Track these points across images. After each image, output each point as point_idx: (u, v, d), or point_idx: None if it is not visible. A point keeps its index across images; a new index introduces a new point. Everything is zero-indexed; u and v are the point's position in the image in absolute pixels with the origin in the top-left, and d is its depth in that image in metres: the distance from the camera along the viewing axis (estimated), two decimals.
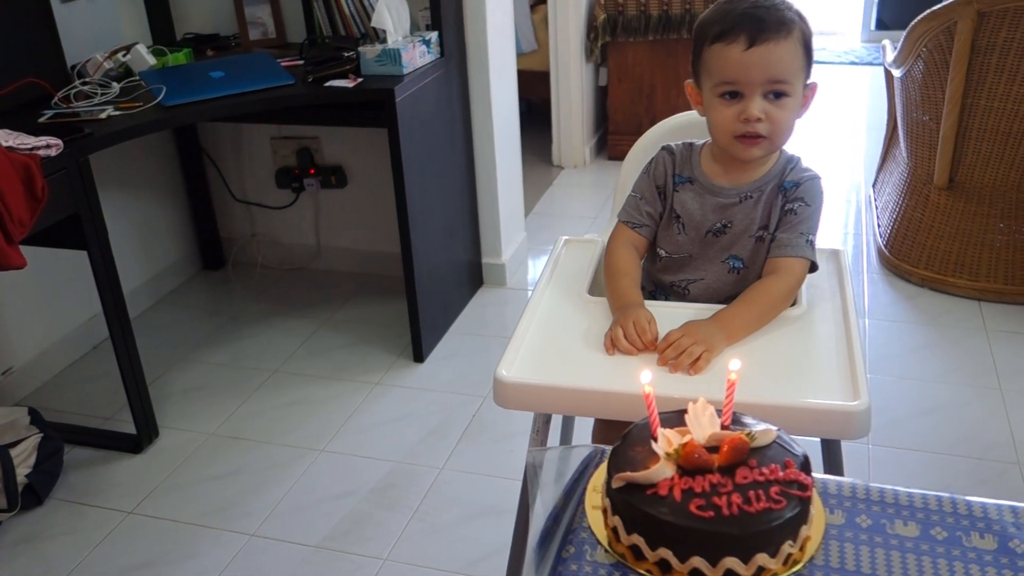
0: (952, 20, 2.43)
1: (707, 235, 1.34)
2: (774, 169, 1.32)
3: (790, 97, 1.23)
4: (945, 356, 2.40)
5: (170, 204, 2.98)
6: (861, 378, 1.09)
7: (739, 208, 1.31)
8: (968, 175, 2.61)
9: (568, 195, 3.68)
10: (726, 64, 1.21)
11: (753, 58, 1.19)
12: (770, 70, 1.20)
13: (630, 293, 1.29)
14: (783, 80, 1.21)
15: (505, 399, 1.16)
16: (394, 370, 2.46)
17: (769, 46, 1.19)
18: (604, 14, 3.74)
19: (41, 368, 2.49)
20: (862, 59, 5.57)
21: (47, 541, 1.90)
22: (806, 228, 1.28)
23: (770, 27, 1.19)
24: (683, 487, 0.78)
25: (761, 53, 1.19)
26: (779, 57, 1.20)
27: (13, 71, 2.14)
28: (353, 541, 1.85)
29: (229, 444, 2.19)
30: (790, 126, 1.26)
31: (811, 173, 1.32)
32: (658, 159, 1.38)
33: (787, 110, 1.23)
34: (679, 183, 1.35)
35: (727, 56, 1.21)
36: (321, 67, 2.30)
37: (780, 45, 1.20)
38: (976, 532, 0.81)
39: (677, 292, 1.39)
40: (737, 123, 1.23)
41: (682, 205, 1.35)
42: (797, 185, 1.30)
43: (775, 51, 1.19)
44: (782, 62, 1.20)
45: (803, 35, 1.23)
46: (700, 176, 1.34)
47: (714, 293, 1.36)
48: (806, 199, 1.29)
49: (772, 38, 1.19)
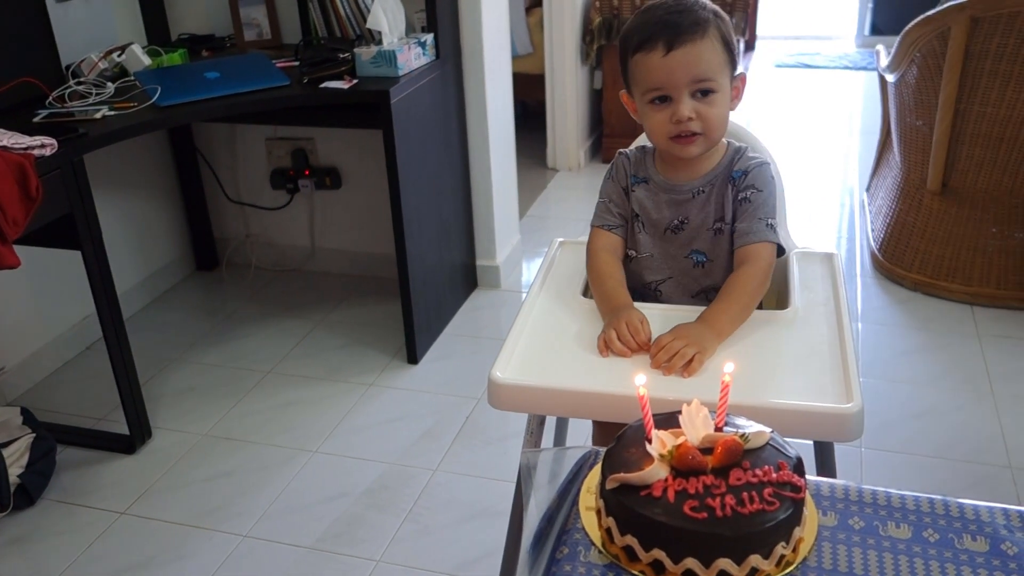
0: (946, 26, 2.44)
1: (666, 232, 1.37)
2: (722, 161, 1.35)
3: (717, 93, 1.27)
4: (937, 360, 2.41)
5: (164, 204, 2.97)
6: (854, 381, 1.09)
7: (693, 203, 1.35)
8: (961, 180, 2.63)
9: (563, 198, 3.69)
10: (649, 71, 1.26)
11: (673, 62, 1.24)
12: (692, 70, 1.24)
13: (618, 294, 1.30)
14: (706, 78, 1.25)
15: (499, 400, 1.16)
16: (388, 371, 2.46)
17: (687, 48, 1.23)
18: (599, 17, 3.75)
19: (34, 368, 2.48)
20: (856, 64, 5.59)
21: (39, 542, 1.89)
22: (763, 213, 1.30)
23: (685, 30, 1.24)
24: (677, 488, 0.78)
25: (680, 56, 1.23)
26: (698, 56, 1.24)
27: (8, 70, 2.14)
28: (346, 543, 1.85)
29: (222, 445, 2.19)
30: (723, 119, 1.29)
31: (758, 160, 1.35)
32: (617, 163, 1.42)
33: (716, 106, 1.27)
34: (635, 183, 1.39)
35: (649, 63, 1.25)
36: (316, 68, 2.30)
37: (697, 45, 1.24)
38: (968, 534, 0.82)
39: (650, 295, 1.41)
40: (670, 125, 1.27)
41: (639, 204, 1.38)
42: (746, 173, 1.33)
43: (693, 51, 1.23)
44: (702, 61, 1.24)
45: (720, 32, 1.26)
46: (654, 175, 1.38)
47: (684, 289, 1.38)
48: (756, 185, 1.31)
49: (688, 39, 1.23)
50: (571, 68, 3.77)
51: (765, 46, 6.03)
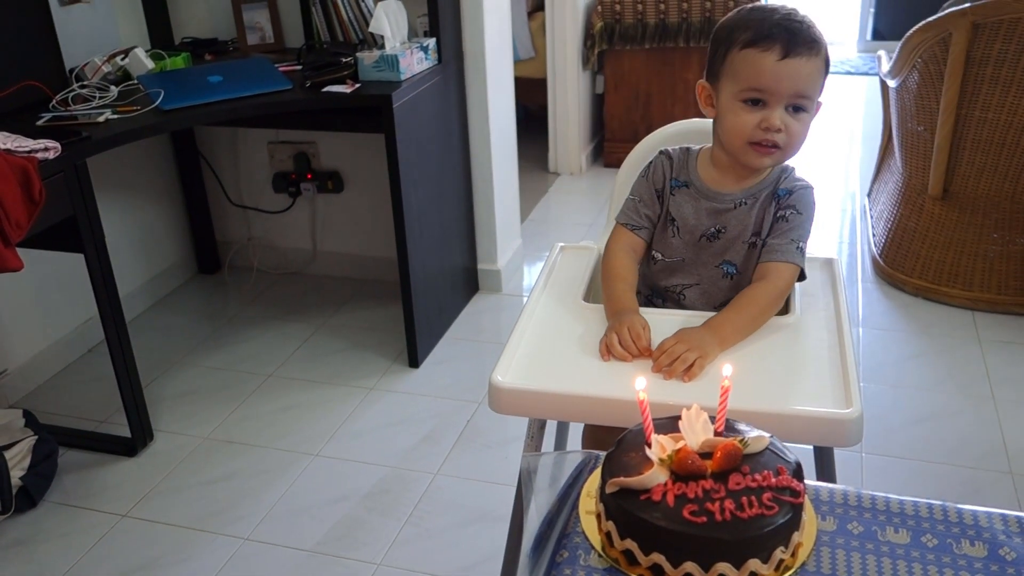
0: (947, 31, 2.45)
1: (701, 239, 1.35)
2: (769, 177, 1.33)
3: (807, 112, 1.25)
4: (938, 365, 2.41)
5: (167, 208, 2.98)
6: (853, 386, 1.09)
7: (733, 214, 1.33)
8: (962, 185, 2.63)
9: (564, 202, 3.69)
10: (758, 71, 1.23)
11: (786, 69, 1.21)
12: (799, 83, 1.22)
13: (625, 299, 1.30)
14: (807, 95, 1.23)
15: (500, 405, 1.16)
16: (389, 375, 2.47)
17: (801, 60, 1.21)
18: (601, 22, 3.76)
19: (36, 370, 2.49)
20: (858, 69, 5.60)
21: (41, 544, 1.90)
22: (796, 235, 1.29)
23: (804, 42, 1.22)
24: (676, 493, 0.79)
25: (794, 66, 1.21)
26: (808, 72, 1.22)
27: (12, 74, 2.15)
28: (347, 546, 1.85)
29: (224, 448, 2.19)
30: (803, 139, 1.28)
31: (804, 183, 1.34)
32: (656, 163, 1.40)
33: (803, 124, 1.26)
34: (675, 187, 1.37)
35: (760, 63, 1.22)
36: (319, 72, 2.30)
37: (811, 61, 1.22)
38: (967, 539, 0.82)
39: (672, 297, 1.40)
40: (756, 130, 1.24)
41: (678, 209, 1.36)
42: (790, 193, 1.32)
43: (806, 66, 1.22)
44: (810, 78, 1.23)
45: (826, 56, 1.25)
46: (696, 181, 1.36)
47: (709, 298, 1.37)
48: (798, 207, 1.30)
49: (804, 53, 1.21)
50: (573, 72, 3.78)
51: None
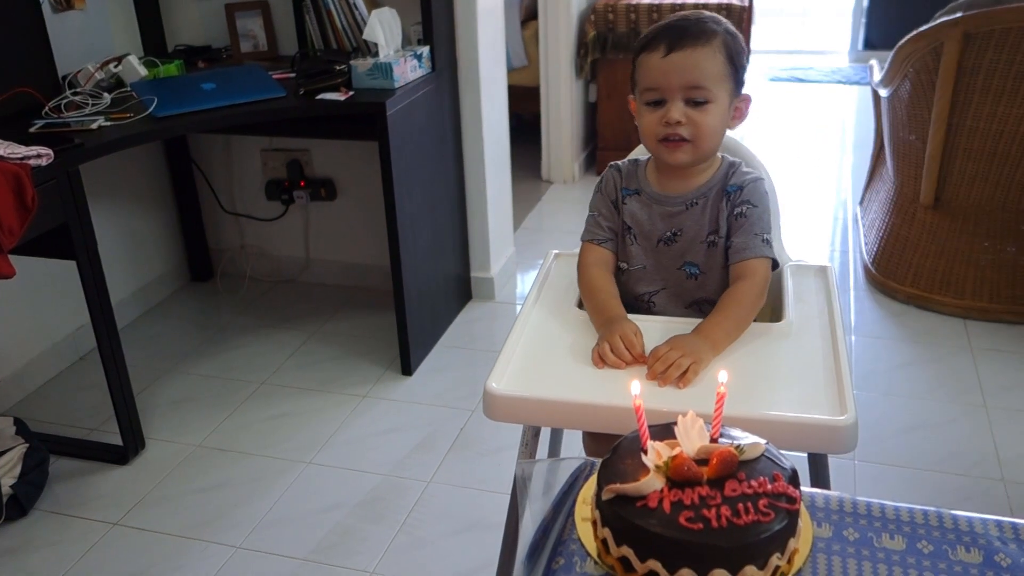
0: (939, 41, 2.46)
1: (659, 244, 1.37)
2: (717, 174, 1.35)
3: (712, 103, 1.27)
4: (930, 373, 2.42)
5: (159, 215, 2.97)
6: (848, 393, 1.10)
7: (686, 215, 1.35)
8: (954, 194, 2.64)
9: (557, 210, 3.70)
10: (648, 71, 1.27)
11: (670, 64, 1.25)
12: (687, 75, 1.25)
13: (611, 307, 1.31)
14: (701, 86, 1.25)
15: (495, 412, 1.16)
16: (382, 383, 2.46)
17: (686, 52, 1.24)
18: (594, 31, 3.78)
19: (27, 378, 2.47)
20: (849, 78, 5.63)
21: (31, 553, 1.88)
22: (759, 228, 1.31)
23: (689, 34, 1.25)
24: (672, 499, 0.79)
25: (678, 59, 1.24)
26: (695, 63, 1.24)
27: (4, 80, 2.14)
28: (340, 554, 1.85)
29: (216, 456, 2.18)
30: (715, 132, 1.29)
31: (753, 175, 1.35)
32: (606, 176, 1.43)
33: (709, 115, 1.27)
34: (626, 195, 1.39)
35: (649, 63, 1.27)
36: (312, 80, 2.30)
37: (698, 51, 1.25)
38: (962, 546, 0.82)
39: (643, 306, 1.41)
40: (660, 127, 1.28)
41: (632, 216, 1.38)
42: (741, 188, 1.33)
43: (692, 56, 1.24)
44: (699, 68, 1.25)
45: (726, 45, 1.27)
46: (646, 187, 1.38)
47: (677, 300, 1.39)
48: (752, 200, 1.32)
49: (690, 44, 1.25)
50: (566, 81, 3.79)
51: (759, 60, 6.07)
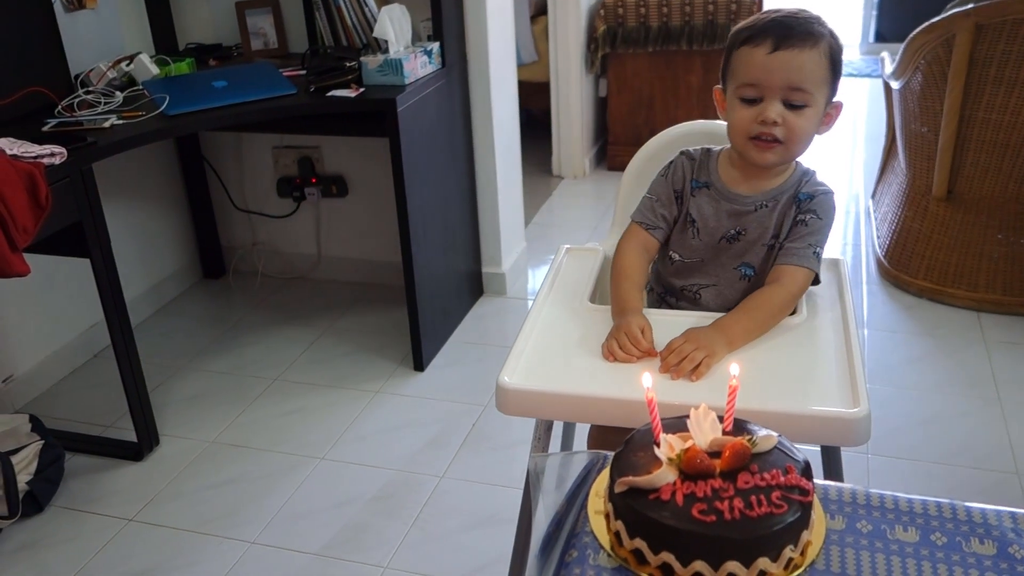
0: (950, 32, 2.45)
1: (720, 241, 1.35)
2: (790, 180, 1.33)
3: (809, 108, 1.24)
4: (943, 367, 2.40)
5: (171, 213, 2.99)
6: (861, 386, 1.09)
7: (754, 216, 1.32)
8: (966, 186, 2.63)
9: (568, 205, 3.69)
10: (749, 66, 1.23)
11: (776, 62, 1.21)
12: (791, 75, 1.22)
13: (629, 298, 1.30)
14: (802, 88, 1.22)
15: (507, 406, 1.16)
16: (394, 379, 2.47)
17: (793, 52, 1.21)
18: (604, 25, 3.77)
19: (42, 375, 2.49)
20: (860, 71, 5.60)
21: (47, 548, 1.90)
22: (815, 240, 1.29)
23: (796, 34, 1.21)
24: (685, 492, 0.79)
25: (784, 58, 1.21)
26: (801, 64, 1.21)
27: (18, 80, 2.15)
28: (353, 549, 1.86)
29: (229, 452, 2.19)
30: (807, 136, 1.26)
31: (825, 188, 1.33)
32: (677, 163, 1.39)
33: (805, 119, 1.24)
34: (696, 188, 1.36)
35: (751, 58, 1.23)
36: (323, 77, 2.31)
37: (804, 53, 1.21)
38: (976, 537, 0.82)
39: (688, 297, 1.39)
40: (754, 124, 1.24)
41: (698, 210, 1.36)
42: (812, 198, 1.31)
43: (798, 57, 1.21)
44: (803, 69, 1.22)
45: (831, 49, 1.24)
46: (717, 182, 1.35)
47: (725, 300, 1.36)
48: (818, 212, 1.30)
49: (797, 45, 1.21)
50: (576, 76, 3.79)
51: None
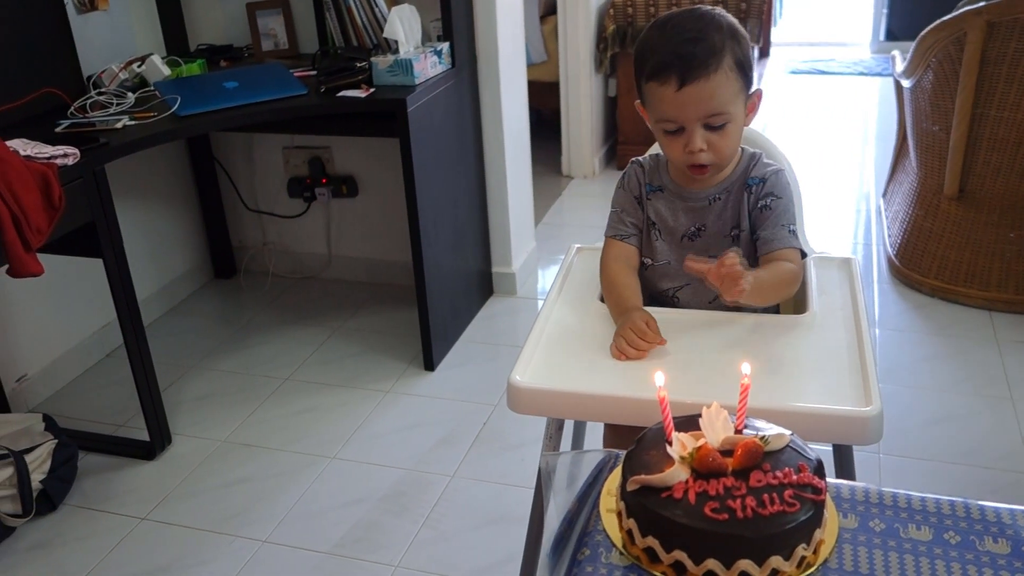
0: (962, 31, 2.44)
1: (683, 240, 1.37)
2: (737, 168, 1.35)
3: (730, 123, 1.25)
4: (955, 366, 2.39)
5: (182, 213, 3.00)
6: (873, 384, 1.09)
7: (710, 210, 1.35)
8: (978, 185, 2.62)
9: (577, 205, 3.69)
10: (662, 104, 1.24)
11: (686, 97, 1.22)
12: (704, 106, 1.22)
13: (626, 297, 1.31)
14: (718, 112, 1.23)
15: (519, 404, 1.17)
16: (405, 378, 2.47)
17: (700, 84, 1.21)
18: (614, 25, 3.77)
19: (55, 375, 2.51)
20: (871, 70, 5.58)
21: (61, 547, 1.91)
22: (785, 220, 1.31)
23: (698, 64, 1.20)
24: (697, 490, 0.79)
25: (692, 92, 1.21)
26: (711, 93, 1.21)
27: (31, 81, 2.17)
28: (364, 548, 1.86)
29: (241, 451, 2.20)
30: (734, 146, 1.30)
31: (774, 166, 1.35)
32: (629, 172, 1.42)
33: (728, 135, 1.26)
34: (651, 192, 1.39)
35: (662, 96, 1.24)
36: (333, 77, 2.32)
37: (711, 80, 1.21)
38: (989, 536, 0.82)
39: (667, 301, 1.41)
40: (684, 155, 1.27)
41: (656, 212, 1.39)
42: (763, 181, 1.33)
43: (706, 88, 1.21)
44: (714, 97, 1.22)
45: (735, 57, 1.23)
46: (669, 183, 1.38)
47: (701, 297, 1.38)
48: (775, 192, 1.32)
49: (702, 74, 1.20)
50: (585, 76, 3.79)
51: (780, 53, 6.02)
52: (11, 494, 1.92)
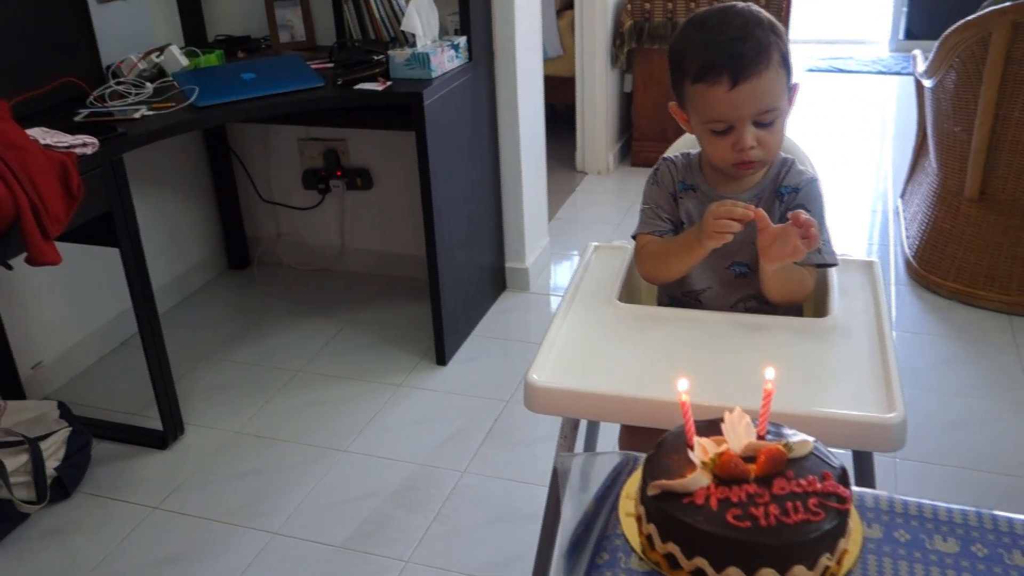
0: (987, 30, 2.41)
1: None
2: (770, 173, 1.34)
3: (779, 118, 1.24)
4: (974, 370, 2.37)
5: (198, 203, 3.00)
6: (896, 390, 1.08)
7: None
8: (1000, 187, 2.59)
9: (592, 201, 3.68)
10: (712, 104, 1.22)
11: (739, 97, 1.20)
12: (757, 104, 1.21)
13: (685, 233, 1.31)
14: (770, 108, 1.22)
15: (536, 403, 1.16)
16: (417, 372, 2.47)
17: (752, 82, 1.19)
18: (631, 20, 3.74)
19: (70, 363, 2.51)
20: (890, 68, 5.53)
21: (74, 534, 1.92)
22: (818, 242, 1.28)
23: (750, 62, 1.19)
24: (719, 497, 0.78)
25: (746, 91, 1.20)
26: (763, 90, 1.20)
27: (51, 71, 2.17)
28: (375, 542, 1.86)
29: (253, 442, 2.20)
30: (782, 141, 1.28)
31: (808, 175, 1.33)
32: (662, 168, 1.40)
33: (777, 130, 1.25)
34: (683, 190, 1.37)
35: (712, 97, 1.21)
36: (350, 70, 2.31)
37: (763, 78, 1.20)
38: (1018, 550, 0.80)
39: (691, 303, 1.40)
40: (732, 153, 1.25)
41: (687, 213, 1.37)
42: (796, 191, 1.31)
43: (759, 86, 1.20)
44: (768, 93, 1.21)
45: (780, 52, 1.22)
46: (703, 184, 1.36)
47: (724, 299, 1.38)
48: (806, 205, 1.30)
49: (754, 72, 1.19)
50: (601, 71, 3.76)
51: (798, 50, 5.96)
52: (26, 480, 1.93)
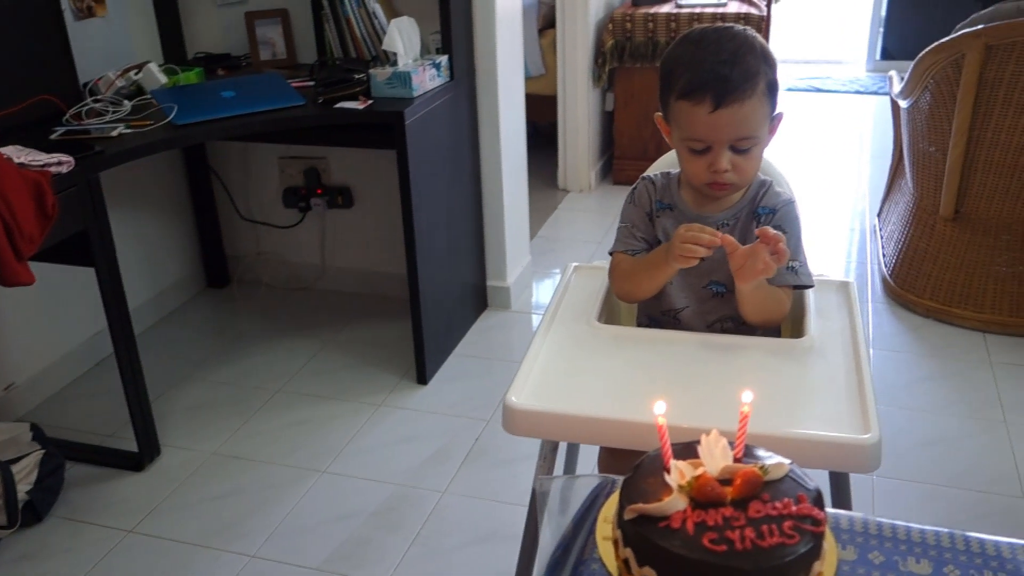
0: (960, 53, 2.45)
1: None
2: (747, 194, 1.35)
3: (756, 145, 1.26)
4: (949, 388, 2.39)
5: (176, 222, 2.98)
6: (871, 411, 1.08)
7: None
8: (974, 207, 2.62)
9: (573, 219, 3.69)
10: (693, 123, 1.24)
11: (720, 120, 1.22)
12: (736, 130, 1.23)
13: (653, 253, 1.32)
14: (748, 136, 1.24)
15: (514, 426, 1.15)
16: (397, 392, 2.46)
17: (734, 108, 1.21)
18: (612, 40, 3.77)
19: (43, 384, 2.48)
20: (867, 88, 5.60)
21: (46, 559, 1.89)
22: (788, 256, 1.29)
23: (735, 87, 1.20)
24: (696, 520, 0.78)
25: (727, 115, 1.21)
26: (744, 117, 1.22)
27: (26, 88, 2.15)
28: (354, 564, 1.84)
29: (231, 463, 2.18)
30: (757, 168, 1.30)
31: (785, 196, 1.34)
32: (640, 188, 1.41)
33: (754, 158, 1.27)
34: (660, 209, 1.38)
35: (694, 115, 1.23)
36: (331, 88, 2.31)
37: (745, 105, 1.21)
38: (989, 570, 0.81)
39: (668, 322, 1.41)
40: (707, 173, 1.27)
41: (664, 232, 1.38)
42: (773, 212, 1.32)
43: (740, 112, 1.21)
44: (748, 121, 1.22)
45: (767, 81, 1.23)
46: (680, 203, 1.37)
47: (702, 318, 1.38)
48: (783, 226, 1.31)
49: (737, 98, 1.20)
50: (583, 90, 3.79)
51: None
52: None
